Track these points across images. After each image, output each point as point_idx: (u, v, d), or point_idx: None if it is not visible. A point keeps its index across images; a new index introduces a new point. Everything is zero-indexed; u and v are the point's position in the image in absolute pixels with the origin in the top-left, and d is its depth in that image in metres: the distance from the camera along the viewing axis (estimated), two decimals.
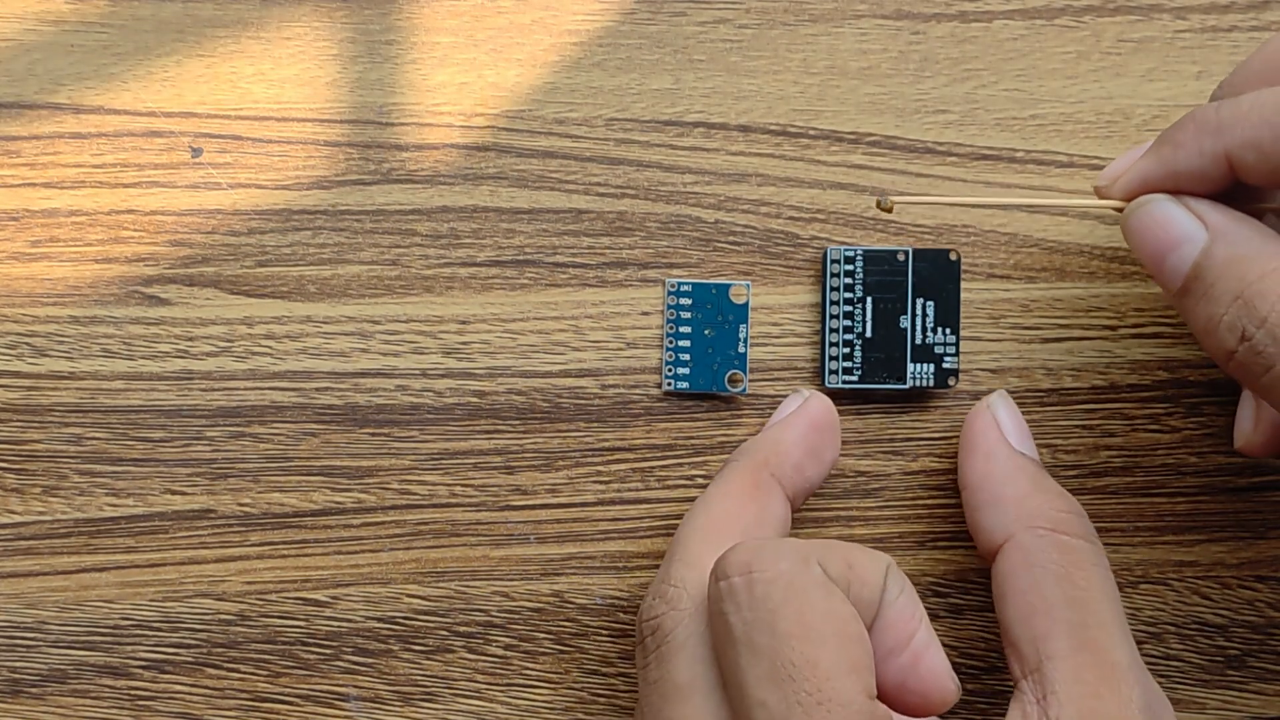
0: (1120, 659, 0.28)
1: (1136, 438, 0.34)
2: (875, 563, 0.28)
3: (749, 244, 0.34)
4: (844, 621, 0.27)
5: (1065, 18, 0.35)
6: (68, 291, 0.34)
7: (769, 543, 0.28)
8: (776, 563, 0.27)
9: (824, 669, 0.26)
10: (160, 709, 0.33)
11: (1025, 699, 0.28)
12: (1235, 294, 0.27)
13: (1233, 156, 0.28)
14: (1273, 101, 0.28)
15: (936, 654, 0.28)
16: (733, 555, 0.28)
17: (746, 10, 0.35)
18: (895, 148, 0.34)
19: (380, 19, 0.34)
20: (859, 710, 0.26)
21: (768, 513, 0.31)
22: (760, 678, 0.26)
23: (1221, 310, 0.28)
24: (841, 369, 0.34)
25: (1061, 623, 0.29)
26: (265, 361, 0.34)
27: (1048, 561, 0.29)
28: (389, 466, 0.34)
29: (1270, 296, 0.27)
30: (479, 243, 0.34)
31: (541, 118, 0.34)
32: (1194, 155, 0.28)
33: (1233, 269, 0.28)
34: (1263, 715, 0.34)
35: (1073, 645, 0.28)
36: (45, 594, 0.33)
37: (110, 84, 0.34)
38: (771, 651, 0.26)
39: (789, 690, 0.26)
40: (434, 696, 0.34)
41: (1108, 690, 0.28)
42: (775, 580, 0.27)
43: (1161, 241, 0.29)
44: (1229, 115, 0.28)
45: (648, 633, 0.29)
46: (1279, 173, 0.28)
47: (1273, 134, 0.27)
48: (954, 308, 0.34)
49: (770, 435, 0.32)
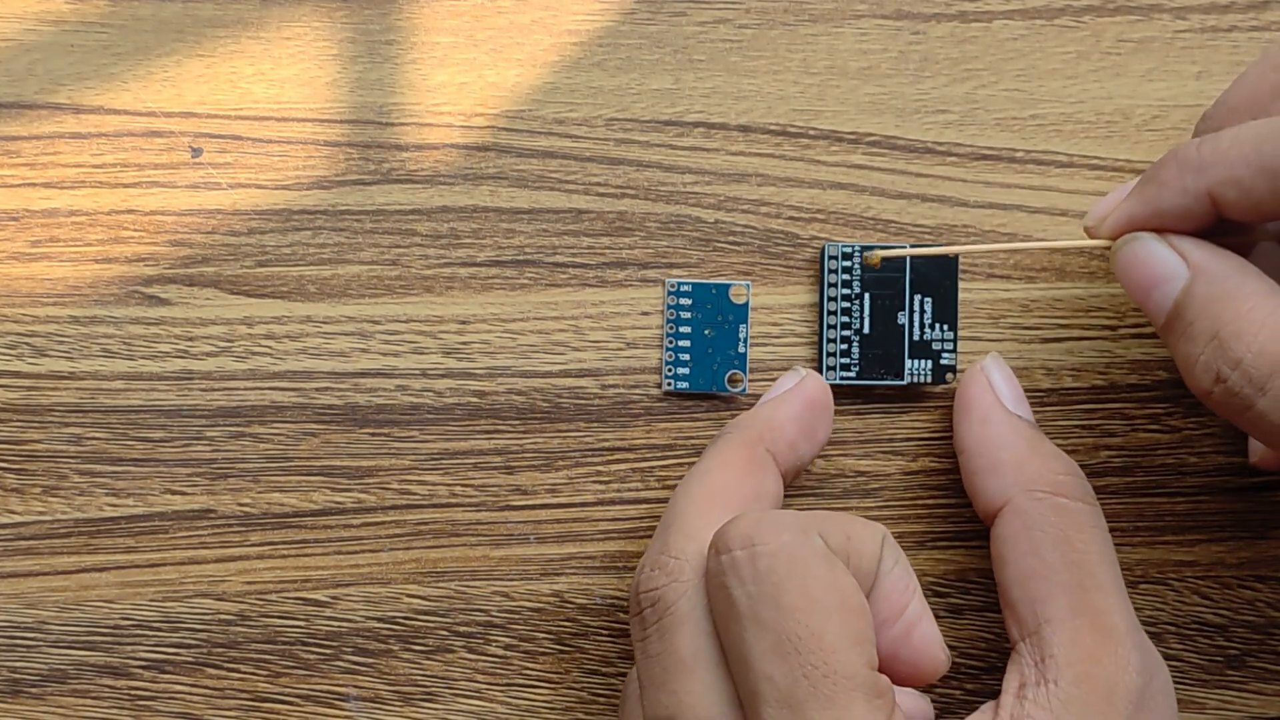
0: (1118, 622, 0.28)
1: (1136, 438, 0.34)
2: (872, 533, 0.28)
3: (749, 244, 0.34)
4: (847, 593, 0.27)
5: (1065, 18, 0.35)
6: (68, 291, 0.34)
7: (769, 515, 0.28)
8: (779, 535, 0.27)
9: (829, 642, 0.26)
10: (160, 709, 0.33)
11: (1023, 661, 0.28)
12: (1211, 334, 0.28)
13: (1215, 194, 0.28)
14: (1251, 137, 0.28)
15: (929, 625, 0.28)
16: (733, 528, 0.28)
17: (746, 10, 0.35)
18: (895, 148, 0.34)
19: (380, 19, 0.34)
20: (863, 682, 0.26)
21: (764, 488, 0.31)
22: (766, 651, 0.26)
23: (1199, 350, 0.28)
24: (839, 365, 0.34)
25: (1060, 586, 0.29)
26: (265, 361, 0.34)
27: (1046, 525, 0.29)
28: (389, 466, 0.34)
29: (1245, 338, 0.27)
30: (479, 243, 0.34)
31: (541, 118, 0.34)
32: (1177, 194, 0.29)
33: (1210, 308, 0.28)
34: (1263, 715, 0.34)
35: (1071, 608, 0.28)
36: (45, 594, 0.33)
37: (110, 84, 0.34)
38: (776, 625, 0.26)
39: (795, 663, 0.26)
40: (434, 696, 0.34)
41: (1105, 654, 0.28)
42: (778, 553, 0.27)
43: (1146, 279, 0.29)
44: (1209, 153, 0.28)
45: (646, 604, 0.29)
46: (1261, 208, 0.28)
47: (1252, 171, 0.27)
48: (952, 304, 0.34)
49: (765, 410, 0.32)
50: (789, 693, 0.26)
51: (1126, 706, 0.27)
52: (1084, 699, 0.27)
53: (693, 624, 0.28)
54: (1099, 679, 0.28)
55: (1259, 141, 0.27)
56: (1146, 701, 0.28)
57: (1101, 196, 0.32)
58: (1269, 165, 0.27)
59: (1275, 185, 0.27)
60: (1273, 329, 0.27)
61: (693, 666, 0.28)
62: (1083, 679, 0.28)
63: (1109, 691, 0.27)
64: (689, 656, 0.28)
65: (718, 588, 0.27)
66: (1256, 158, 0.27)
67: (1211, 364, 0.28)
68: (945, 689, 0.34)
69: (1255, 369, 0.27)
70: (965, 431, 0.32)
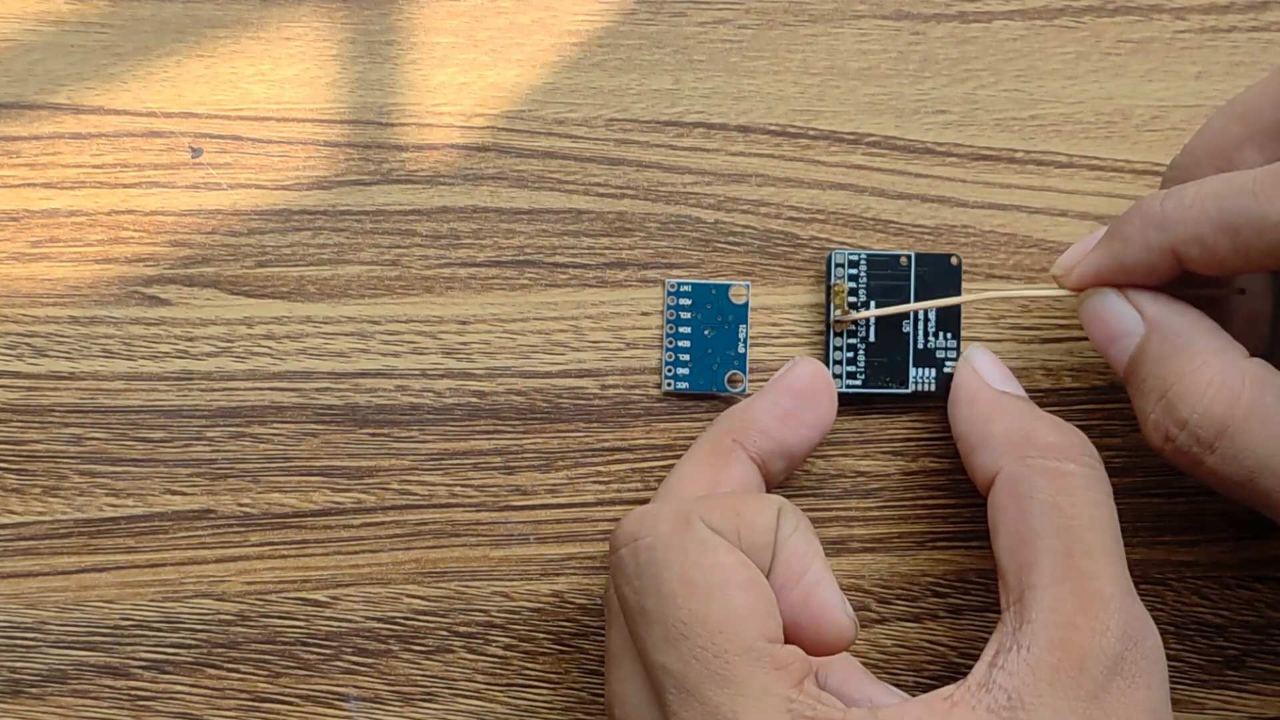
0: (1103, 588, 0.28)
1: (1136, 438, 0.34)
2: (765, 505, 0.28)
3: (749, 244, 0.34)
4: (730, 570, 0.27)
5: (1065, 18, 0.35)
6: (68, 291, 0.34)
7: (651, 508, 0.28)
8: (656, 526, 0.28)
9: (714, 622, 0.26)
10: (160, 709, 0.33)
11: (1004, 629, 0.28)
12: (1160, 393, 0.28)
13: (1178, 251, 0.28)
14: (1213, 195, 0.28)
15: (829, 589, 0.28)
16: (620, 526, 0.28)
17: (746, 10, 0.35)
18: (895, 148, 0.34)
19: (380, 19, 0.34)
20: (759, 655, 0.26)
21: (724, 476, 0.31)
22: (656, 642, 0.27)
23: (1149, 407, 0.29)
24: (845, 373, 0.34)
25: (1046, 552, 0.28)
26: (265, 362, 0.34)
27: (1035, 490, 0.29)
28: (389, 467, 0.34)
29: (1190, 398, 0.28)
30: (479, 243, 0.34)
31: (541, 118, 0.34)
32: (1141, 249, 0.29)
33: (1159, 366, 0.29)
34: (1262, 715, 0.34)
35: (1055, 574, 0.28)
36: (45, 594, 0.33)
37: (110, 84, 0.34)
38: (660, 615, 0.27)
39: (684, 649, 0.26)
40: (434, 696, 0.34)
41: (1084, 619, 0.27)
42: (654, 545, 0.27)
43: (1105, 334, 0.30)
44: (1173, 209, 0.28)
45: (606, 603, 0.30)
46: (1225, 265, 0.28)
47: (1214, 230, 0.28)
48: (955, 312, 0.34)
49: (743, 402, 0.32)
50: (683, 678, 0.26)
51: (1100, 672, 0.27)
52: (1055, 664, 0.27)
53: (619, 619, 0.29)
54: (1074, 644, 0.27)
55: (1221, 199, 0.28)
56: (1125, 668, 0.27)
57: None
58: (1230, 223, 0.27)
59: (1237, 243, 0.27)
60: (1218, 388, 0.28)
61: (620, 658, 0.29)
62: (1057, 644, 0.27)
63: (1082, 657, 0.27)
64: (617, 649, 0.29)
65: (616, 588, 0.28)
66: (1219, 215, 0.27)
67: (1161, 423, 0.28)
68: None
69: (1201, 429, 0.28)
70: (955, 416, 0.32)
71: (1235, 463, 0.28)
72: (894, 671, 0.34)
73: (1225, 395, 0.28)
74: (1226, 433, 0.28)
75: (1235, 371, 0.28)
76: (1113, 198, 0.34)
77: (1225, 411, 0.27)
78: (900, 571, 0.34)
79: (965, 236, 0.34)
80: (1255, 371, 0.28)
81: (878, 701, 0.30)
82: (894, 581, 0.34)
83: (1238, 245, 0.27)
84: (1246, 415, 0.27)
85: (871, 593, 0.34)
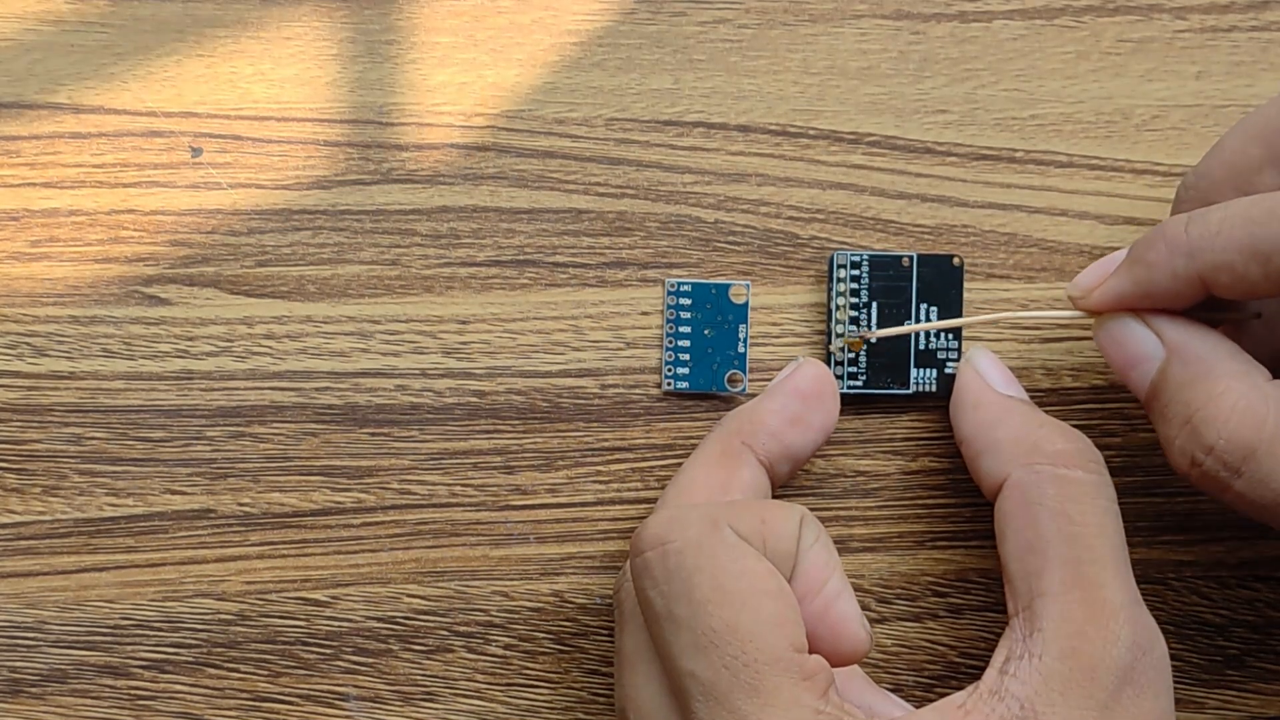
0: (1112, 596, 0.28)
1: (1136, 438, 0.34)
2: (789, 514, 0.28)
3: (749, 244, 0.34)
4: (760, 579, 0.27)
5: (1065, 18, 0.35)
6: (68, 291, 0.34)
7: (680, 511, 0.28)
8: (685, 531, 0.27)
9: (744, 631, 0.26)
10: (160, 709, 0.33)
11: (1013, 635, 0.28)
12: (1185, 419, 0.28)
13: (1206, 279, 0.28)
14: (1242, 220, 0.28)
15: (847, 602, 0.28)
16: (646, 529, 0.28)
17: (746, 10, 0.35)
18: (895, 148, 0.34)
19: (380, 19, 0.34)
20: (787, 665, 0.26)
21: (734, 479, 0.31)
22: (685, 649, 0.27)
23: (1174, 433, 0.28)
24: (847, 374, 0.34)
25: (1055, 559, 0.28)
26: (265, 361, 0.34)
27: (1043, 497, 0.29)
28: (389, 466, 0.34)
29: (1215, 423, 0.28)
30: (479, 243, 0.34)
31: (541, 118, 0.34)
32: (1167, 277, 0.29)
33: (1183, 392, 0.28)
34: (1262, 715, 0.34)
35: (1064, 583, 0.28)
36: (45, 594, 0.33)
37: (110, 84, 0.34)
38: (691, 621, 0.27)
39: (714, 656, 0.26)
40: (434, 696, 0.34)
41: (1094, 628, 0.27)
42: (685, 549, 0.27)
43: (1124, 359, 0.30)
44: (1199, 235, 0.28)
45: (614, 606, 0.30)
46: (1254, 291, 0.28)
47: (1244, 257, 0.27)
48: (956, 313, 0.34)
49: (750, 404, 0.32)
50: (713, 686, 0.26)
51: (1111, 681, 0.27)
52: (1067, 674, 0.27)
53: (634, 621, 0.29)
54: (1085, 654, 0.27)
55: (1250, 225, 0.27)
56: (1135, 677, 0.27)
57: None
58: (1261, 250, 0.27)
59: (1269, 270, 0.27)
60: (1243, 413, 0.27)
61: (635, 661, 0.28)
62: (1068, 654, 0.27)
63: (1093, 667, 0.27)
64: (631, 652, 0.29)
65: (639, 591, 0.28)
66: (1249, 242, 0.27)
67: (1187, 448, 0.28)
68: (945, 690, 0.34)
69: (1228, 454, 0.28)
70: (959, 421, 0.32)
71: (1263, 486, 0.27)
72: (894, 671, 0.34)
73: (1250, 420, 0.27)
74: (1254, 457, 0.27)
75: (1259, 395, 0.28)
76: (1113, 197, 0.34)
77: (1251, 436, 0.27)
78: (900, 571, 0.34)
79: (965, 236, 0.34)
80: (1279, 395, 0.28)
81: (877, 710, 0.30)
82: (894, 581, 0.34)
83: (1269, 272, 0.27)
84: (1272, 439, 0.27)
85: (871, 592, 0.34)
